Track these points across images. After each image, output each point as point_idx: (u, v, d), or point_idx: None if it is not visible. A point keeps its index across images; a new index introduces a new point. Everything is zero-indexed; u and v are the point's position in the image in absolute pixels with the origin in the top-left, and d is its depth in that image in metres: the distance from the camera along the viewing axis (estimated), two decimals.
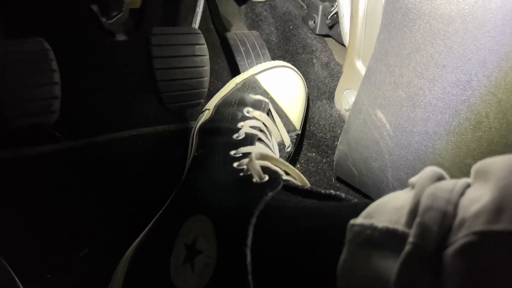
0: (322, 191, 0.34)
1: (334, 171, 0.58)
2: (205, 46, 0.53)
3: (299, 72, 0.60)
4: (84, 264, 0.49)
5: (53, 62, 0.42)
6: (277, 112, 0.55)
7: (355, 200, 0.32)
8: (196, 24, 0.60)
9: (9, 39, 0.44)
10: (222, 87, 0.59)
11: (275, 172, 0.37)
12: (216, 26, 0.72)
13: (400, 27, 0.41)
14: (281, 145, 0.55)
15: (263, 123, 0.52)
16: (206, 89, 0.55)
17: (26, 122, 0.42)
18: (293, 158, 0.63)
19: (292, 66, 0.60)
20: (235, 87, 0.56)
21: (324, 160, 0.61)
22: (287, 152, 0.57)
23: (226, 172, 0.41)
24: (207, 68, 0.54)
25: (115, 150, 0.56)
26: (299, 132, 0.59)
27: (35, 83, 0.41)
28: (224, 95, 0.56)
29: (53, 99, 0.42)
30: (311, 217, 0.30)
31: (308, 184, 0.41)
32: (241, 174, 0.38)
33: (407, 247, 0.21)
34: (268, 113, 0.55)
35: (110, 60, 0.61)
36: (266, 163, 0.39)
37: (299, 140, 0.62)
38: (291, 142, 0.57)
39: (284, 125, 0.56)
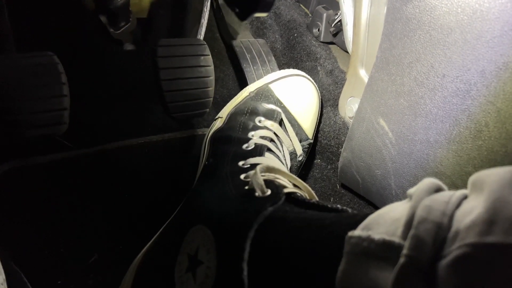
0: (329, 205, 0.34)
1: (338, 178, 0.58)
2: (210, 56, 0.54)
3: (313, 81, 0.60)
4: (94, 270, 0.50)
5: (62, 75, 0.43)
6: (290, 122, 0.56)
7: (355, 212, 0.32)
8: (201, 35, 0.61)
9: (20, 53, 0.46)
10: (227, 94, 0.59)
11: (278, 187, 0.37)
12: (223, 35, 0.73)
13: (401, 37, 0.42)
14: (293, 154, 0.56)
15: (275, 133, 0.53)
16: (212, 98, 0.56)
17: (36, 133, 0.44)
18: None
19: (306, 75, 0.60)
20: (248, 95, 0.57)
21: (328, 167, 0.62)
22: (299, 161, 0.57)
23: (232, 184, 0.41)
24: (212, 78, 0.55)
25: (123, 158, 0.57)
26: (311, 141, 0.59)
27: (45, 96, 0.43)
28: (238, 104, 0.56)
29: (63, 111, 0.44)
30: (312, 228, 0.30)
31: (315, 196, 0.41)
32: (246, 187, 0.39)
33: (401, 260, 0.21)
34: (281, 122, 0.55)
35: (119, 69, 0.62)
36: (272, 176, 0.40)
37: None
38: (303, 151, 0.57)
39: (297, 134, 0.56)
